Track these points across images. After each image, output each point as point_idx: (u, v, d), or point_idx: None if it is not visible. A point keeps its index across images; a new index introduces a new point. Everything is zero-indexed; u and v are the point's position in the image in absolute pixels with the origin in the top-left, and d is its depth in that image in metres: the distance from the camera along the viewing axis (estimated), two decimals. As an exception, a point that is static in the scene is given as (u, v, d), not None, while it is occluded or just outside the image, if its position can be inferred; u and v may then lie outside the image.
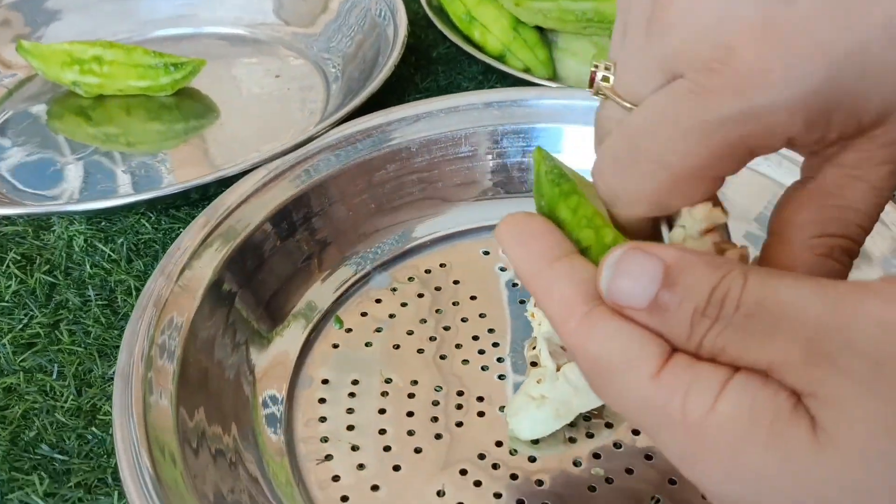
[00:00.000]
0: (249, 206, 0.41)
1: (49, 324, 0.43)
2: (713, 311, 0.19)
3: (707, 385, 0.19)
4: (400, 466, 0.36)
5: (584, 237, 0.23)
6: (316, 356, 0.40)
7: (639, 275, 0.20)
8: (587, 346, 0.21)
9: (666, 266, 0.20)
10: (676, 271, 0.19)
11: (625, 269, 0.20)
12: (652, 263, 0.20)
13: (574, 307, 0.21)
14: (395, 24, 0.57)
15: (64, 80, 0.59)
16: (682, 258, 0.20)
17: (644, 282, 0.20)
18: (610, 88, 0.24)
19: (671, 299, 0.19)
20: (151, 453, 0.30)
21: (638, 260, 0.20)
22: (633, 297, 0.20)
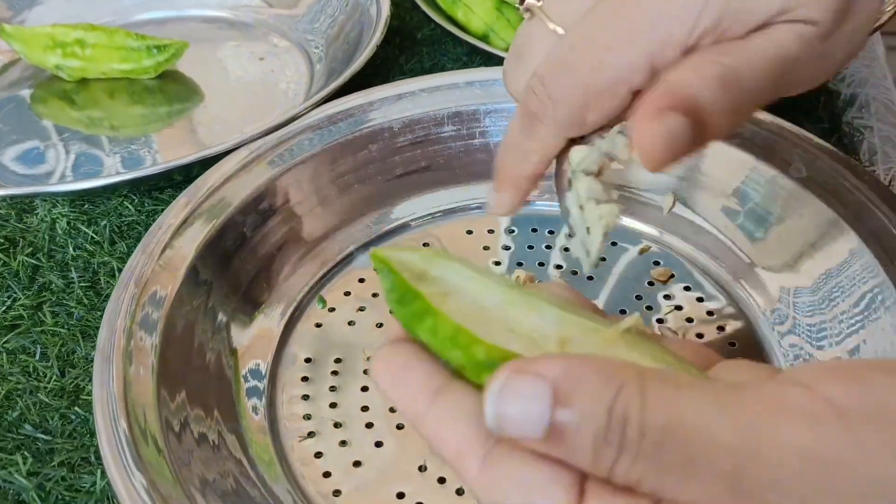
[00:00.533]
0: (231, 185, 0.41)
1: (32, 305, 0.43)
2: (615, 436, 0.17)
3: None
4: (382, 443, 0.36)
5: (453, 358, 0.21)
6: (299, 335, 0.40)
7: (525, 402, 0.18)
8: (491, 495, 0.19)
9: (554, 386, 0.17)
10: (566, 390, 0.17)
11: (509, 398, 0.18)
12: (538, 386, 0.18)
13: (470, 452, 0.19)
14: (378, 4, 0.56)
15: (47, 64, 0.58)
16: (568, 373, 0.18)
17: (533, 409, 0.17)
18: (540, 8, 0.27)
19: (567, 425, 0.17)
20: (132, 429, 0.30)
21: (521, 384, 0.18)
22: (525, 428, 0.18)
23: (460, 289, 0.22)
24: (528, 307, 0.21)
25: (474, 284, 0.22)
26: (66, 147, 0.55)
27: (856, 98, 0.53)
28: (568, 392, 0.17)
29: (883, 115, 0.52)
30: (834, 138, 0.50)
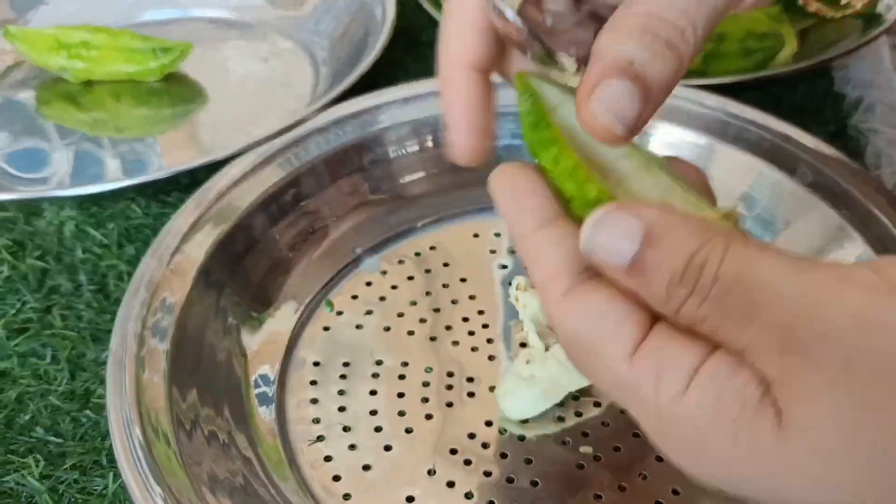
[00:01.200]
0: (239, 189, 0.41)
1: (42, 309, 0.43)
2: (690, 279, 0.19)
3: (678, 371, 0.19)
4: (391, 446, 0.36)
5: (567, 189, 0.23)
6: (307, 339, 0.40)
7: (619, 234, 0.20)
8: (566, 321, 0.21)
9: (647, 226, 0.19)
10: (657, 233, 0.19)
11: (606, 227, 0.20)
12: (633, 223, 0.19)
13: (557, 281, 0.21)
14: (384, 6, 0.57)
15: (52, 66, 0.58)
16: (664, 220, 0.19)
17: (624, 241, 0.19)
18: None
19: (650, 261, 0.19)
20: (145, 433, 0.30)
21: (620, 219, 0.20)
22: (613, 255, 0.20)
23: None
24: (646, 169, 0.23)
25: None
26: (72, 149, 0.55)
27: (861, 101, 0.54)
28: (658, 235, 0.19)
29: (888, 118, 0.53)
30: (840, 142, 0.50)
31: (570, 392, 0.37)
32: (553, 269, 0.21)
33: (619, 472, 0.35)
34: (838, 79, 0.55)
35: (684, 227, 0.19)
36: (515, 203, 0.23)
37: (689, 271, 0.19)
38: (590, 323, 0.20)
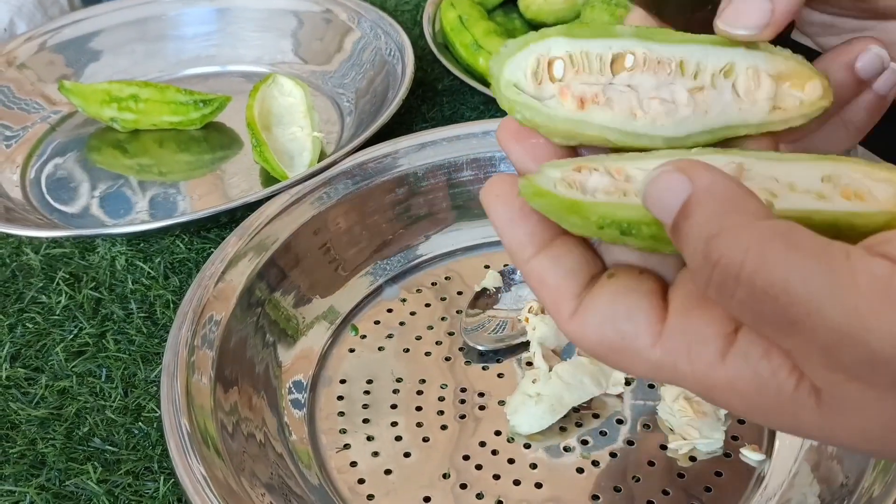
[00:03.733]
0: (275, 225, 0.46)
1: (97, 334, 0.48)
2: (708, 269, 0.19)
3: (709, 343, 0.20)
4: (410, 454, 0.40)
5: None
6: (334, 359, 0.45)
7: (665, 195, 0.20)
8: (585, 337, 0.21)
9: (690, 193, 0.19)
10: (693, 203, 0.19)
11: (657, 184, 0.20)
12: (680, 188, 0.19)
13: (564, 301, 0.22)
14: (404, 62, 0.62)
15: (103, 117, 0.64)
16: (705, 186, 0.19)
17: (667, 204, 0.20)
18: None
19: (682, 232, 0.19)
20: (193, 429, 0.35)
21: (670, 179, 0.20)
22: (659, 213, 0.20)
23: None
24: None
25: None
26: (120, 192, 0.60)
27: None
28: (695, 203, 0.19)
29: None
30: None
31: (572, 406, 0.41)
32: (558, 291, 0.22)
33: (615, 475, 0.38)
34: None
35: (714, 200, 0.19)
36: (512, 229, 0.23)
37: (704, 261, 0.19)
38: (606, 330, 0.21)
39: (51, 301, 0.50)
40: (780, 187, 0.22)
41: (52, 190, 0.61)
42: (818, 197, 0.21)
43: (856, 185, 0.22)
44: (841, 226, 0.21)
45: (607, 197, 0.22)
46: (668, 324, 0.21)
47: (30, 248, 0.54)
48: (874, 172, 0.22)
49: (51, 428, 0.43)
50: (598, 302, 0.21)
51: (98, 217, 0.58)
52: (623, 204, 0.22)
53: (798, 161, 0.22)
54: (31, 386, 0.45)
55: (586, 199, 0.22)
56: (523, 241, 0.23)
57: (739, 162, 0.22)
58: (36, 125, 0.66)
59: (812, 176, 0.22)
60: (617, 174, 0.23)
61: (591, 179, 0.23)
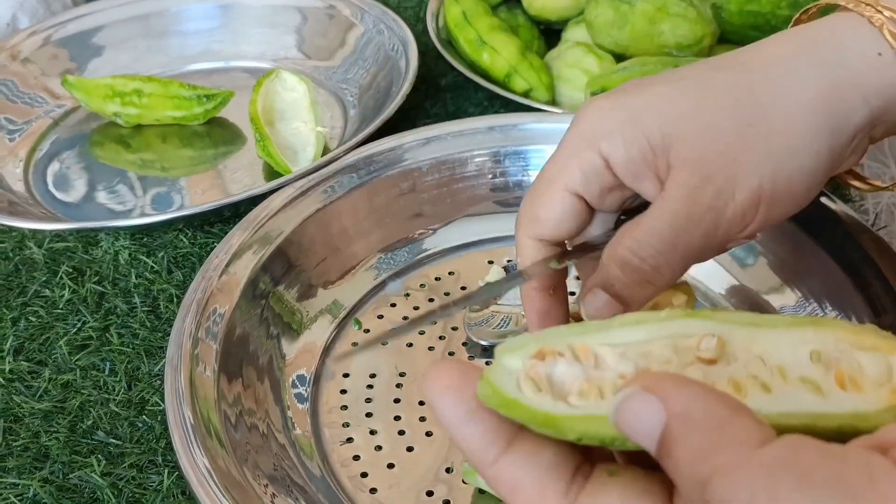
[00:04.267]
0: (279, 218, 0.46)
1: (100, 328, 0.48)
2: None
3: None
4: (413, 447, 0.40)
5: None
6: (337, 353, 0.45)
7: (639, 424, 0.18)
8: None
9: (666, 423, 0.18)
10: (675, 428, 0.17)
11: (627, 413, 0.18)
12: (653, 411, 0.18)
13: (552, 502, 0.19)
14: (407, 57, 0.62)
15: (106, 112, 0.64)
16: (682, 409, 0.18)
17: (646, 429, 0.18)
18: None
19: (671, 458, 0.17)
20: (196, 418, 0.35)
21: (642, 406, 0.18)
22: (639, 440, 0.18)
23: None
24: None
25: None
26: (121, 186, 0.60)
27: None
28: (674, 437, 0.17)
29: (873, 154, 0.57)
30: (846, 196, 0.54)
31: None
32: (541, 495, 0.19)
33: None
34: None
35: (697, 437, 0.17)
36: (468, 428, 0.20)
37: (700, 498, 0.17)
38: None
39: (54, 295, 0.50)
40: (768, 374, 0.20)
41: (55, 184, 0.61)
42: (815, 390, 0.20)
43: (848, 365, 0.20)
44: (846, 433, 0.19)
45: (583, 403, 0.19)
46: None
47: (33, 243, 0.54)
48: (861, 340, 0.21)
49: (54, 421, 0.43)
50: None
51: (101, 211, 0.58)
52: (604, 418, 0.19)
53: (777, 328, 0.21)
54: (34, 379, 0.45)
55: (560, 412, 0.19)
56: (484, 441, 0.20)
57: (719, 334, 0.20)
58: (39, 119, 0.66)
59: (800, 354, 0.20)
60: (584, 355, 0.20)
61: (557, 371, 0.20)
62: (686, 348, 0.20)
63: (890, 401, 0.19)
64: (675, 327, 0.20)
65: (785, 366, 0.20)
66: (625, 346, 0.20)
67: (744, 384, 0.20)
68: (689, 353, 0.20)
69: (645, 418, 0.18)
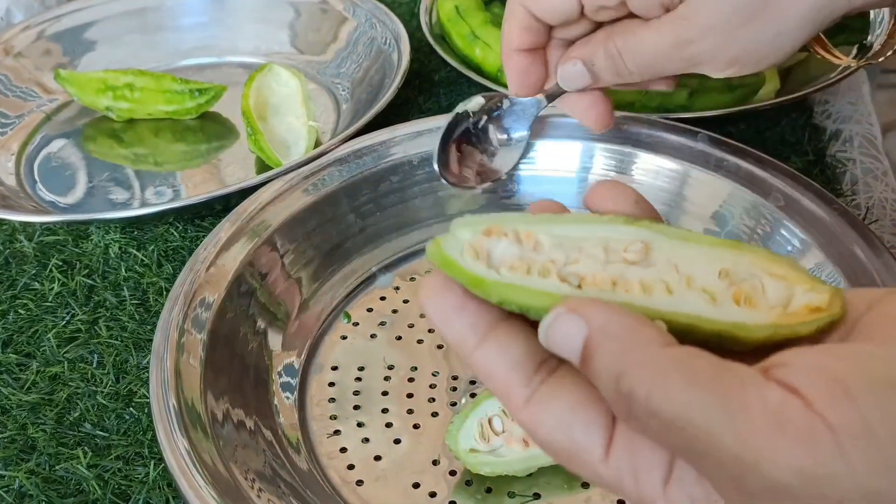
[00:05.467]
0: (268, 211, 0.46)
1: (89, 320, 0.48)
2: (622, 403, 0.19)
3: (653, 471, 0.20)
4: (400, 440, 0.40)
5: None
6: (326, 346, 0.45)
7: (565, 339, 0.21)
8: (537, 432, 0.22)
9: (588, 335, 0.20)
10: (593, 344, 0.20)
11: (555, 331, 0.21)
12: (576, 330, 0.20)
13: (515, 391, 0.22)
14: (399, 51, 0.62)
15: (98, 106, 0.64)
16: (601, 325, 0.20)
17: (571, 345, 0.21)
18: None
19: (591, 368, 0.20)
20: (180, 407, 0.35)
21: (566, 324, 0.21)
22: (566, 355, 0.21)
23: None
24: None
25: None
26: (114, 181, 0.60)
27: (840, 133, 0.58)
28: (594, 345, 0.20)
29: (865, 149, 0.57)
30: (817, 169, 0.54)
31: None
32: (507, 379, 0.22)
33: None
34: (819, 112, 0.60)
35: (614, 340, 0.20)
36: (450, 324, 0.23)
37: (618, 396, 0.19)
38: (559, 434, 0.21)
39: (43, 288, 0.50)
40: (677, 280, 0.22)
41: (47, 178, 0.60)
42: (710, 300, 0.22)
43: (750, 286, 0.22)
44: (724, 338, 0.21)
45: (510, 274, 0.22)
46: (615, 443, 0.21)
47: (23, 236, 0.54)
48: (773, 267, 0.23)
49: (41, 413, 0.43)
50: (557, 403, 0.21)
51: (92, 206, 0.58)
52: (522, 288, 0.22)
53: (702, 245, 0.23)
54: (22, 371, 0.45)
55: (489, 276, 0.22)
56: (465, 333, 0.22)
57: (647, 241, 0.23)
58: (32, 113, 0.66)
59: (711, 269, 0.23)
60: (526, 239, 0.23)
61: (498, 248, 0.23)
62: (615, 250, 0.23)
63: (774, 319, 0.22)
64: (612, 231, 0.23)
65: (693, 276, 0.22)
66: (563, 238, 0.23)
67: (651, 285, 0.22)
68: (616, 254, 0.23)
69: (571, 333, 0.20)
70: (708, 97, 0.54)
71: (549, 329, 0.21)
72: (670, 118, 0.50)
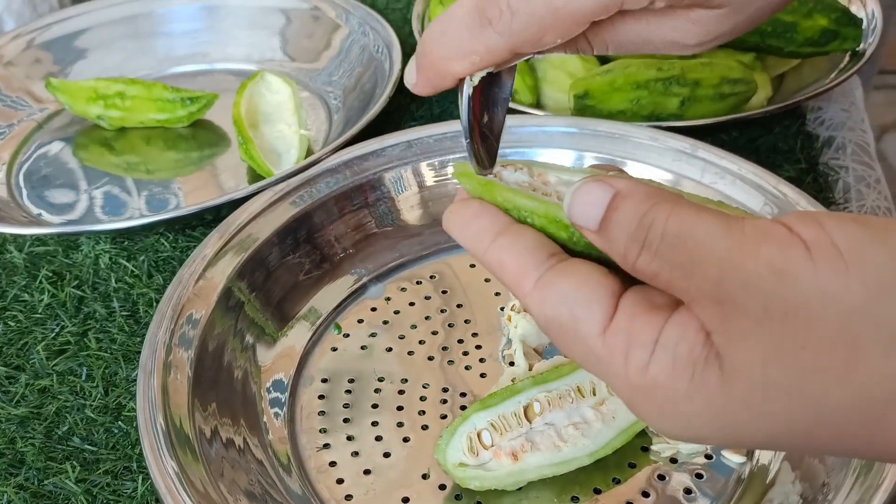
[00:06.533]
0: (258, 223, 0.46)
1: (78, 332, 0.47)
2: (640, 235, 0.22)
3: (642, 346, 0.22)
4: (390, 454, 0.40)
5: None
6: (316, 358, 0.45)
7: (591, 200, 0.23)
8: (542, 309, 0.24)
9: (613, 192, 0.23)
10: (619, 198, 0.22)
11: (580, 195, 0.23)
12: (603, 191, 0.23)
13: (525, 274, 0.24)
14: (391, 59, 0.62)
15: (89, 115, 0.64)
16: (627, 188, 0.23)
17: (594, 207, 0.23)
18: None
19: (611, 222, 0.22)
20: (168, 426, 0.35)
21: (593, 187, 0.23)
22: (586, 219, 0.23)
23: None
24: None
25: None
26: (106, 190, 0.60)
27: (833, 140, 0.58)
28: (619, 199, 0.22)
29: (858, 156, 0.56)
30: (810, 177, 0.54)
31: None
32: (518, 265, 0.24)
33: (594, 476, 0.38)
34: (811, 119, 0.60)
35: (641, 193, 0.22)
36: (467, 229, 0.26)
37: (639, 229, 0.22)
38: (563, 307, 0.23)
39: (33, 299, 0.50)
40: None
41: (39, 188, 0.60)
42: None
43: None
44: None
45: (515, 186, 0.26)
46: (614, 322, 0.23)
47: (13, 247, 0.53)
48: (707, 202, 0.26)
49: (30, 427, 0.43)
50: (565, 281, 0.23)
51: (84, 215, 0.58)
52: (524, 194, 0.26)
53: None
54: (11, 384, 0.45)
55: (497, 183, 0.26)
56: (479, 234, 0.25)
57: None
58: (22, 123, 0.65)
59: None
60: (537, 175, 0.27)
61: (511, 174, 0.27)
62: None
63: None
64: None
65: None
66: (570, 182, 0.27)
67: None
68: None
69: (597, 194, 0.23)
70: (700, 105, 0.54)
71: (574, 194, 0.23)
72: (662, 126, 0.50)
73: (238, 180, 0.60)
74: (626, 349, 0.22)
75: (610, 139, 0.49)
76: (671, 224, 0.22)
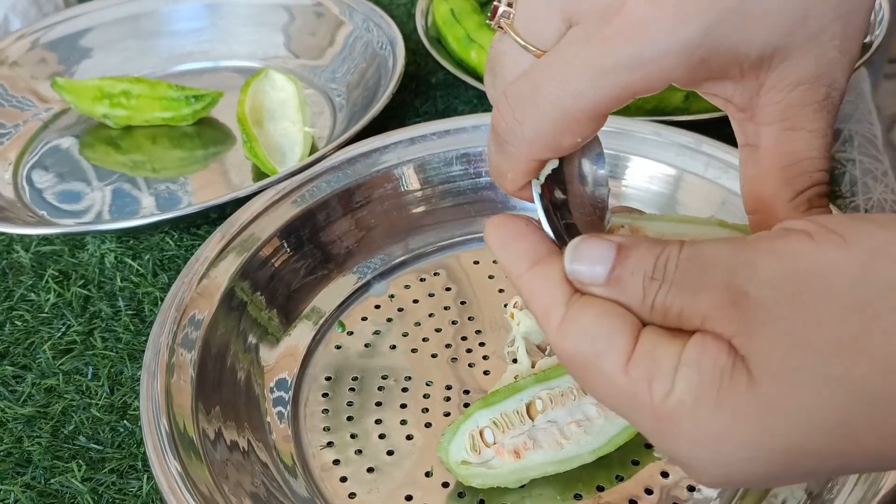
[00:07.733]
0: (261, 222, 0.46)
1: (84, 332, 0.48)
2: (659, 273, 0.22)
3: (665, 369, 0.22)
4: (393, 451, 0.40)
5: None
6: (320, 356, 0.45)
7: (593, 259, 0.23)
8: (565, 346, 0.23)
9: (618, 246, 0.23)
10: (627, 249, 0.23)
11: (581, 255, 0.23)
12: (605, 246, 0.23)
13: (552, 312, 0.24)
14: (395, 55, 0.61)
15: (95, 113, 0.64)
16: (630, 240, 0.23)
17: (598, 265, 0.23)
18: (510, 24, 0.27)
19: (624, 271, 0.23)
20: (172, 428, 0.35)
21: (594, 244, 0.23)
22: (591, 277, 0.23)
23: None
24: None
25: None
26: (112, 188, 0.60)
27: (840, 132, 0.57)
28: (628, 250, 0.23)
29: (865, 149, 0.56)
30: (816, 171, 0.53)
31: None
32: (547, 302, 0.24)
33: (597, 474, 0.38)
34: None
35: (648, 241, 0.23)
36: (506, 249, 0.26)
37: (657, 268, 0.22)
38: (585, 343, 0.23)
39: (40, 299, 0.50)
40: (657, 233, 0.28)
41: (45, 187, 0.61)
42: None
43: None
44: None
45: None
46: (636, 352, 0.22)
47: (20, 246, 0.54)
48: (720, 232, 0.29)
49: (37, 426, 0.43)
50: (584, 316, 0.23)
51: (90, 214, 0.58)
52: None
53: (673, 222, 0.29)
54: (18, 384, 0.45)
55: None
56: (516, 258, 0.25)
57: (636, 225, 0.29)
58: (28, 122, 0.66)
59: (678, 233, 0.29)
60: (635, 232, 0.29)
61: None
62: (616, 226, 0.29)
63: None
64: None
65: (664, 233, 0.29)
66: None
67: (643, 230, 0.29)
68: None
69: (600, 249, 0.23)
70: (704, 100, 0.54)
71: (573, 259, 0.24)
72: (666, 121, 0.50)
73: (243, 178, 0.60)
74: (650, 377, 0.22)
75: (614, 134, 0.49)
76: (683, 254, 0.22)
